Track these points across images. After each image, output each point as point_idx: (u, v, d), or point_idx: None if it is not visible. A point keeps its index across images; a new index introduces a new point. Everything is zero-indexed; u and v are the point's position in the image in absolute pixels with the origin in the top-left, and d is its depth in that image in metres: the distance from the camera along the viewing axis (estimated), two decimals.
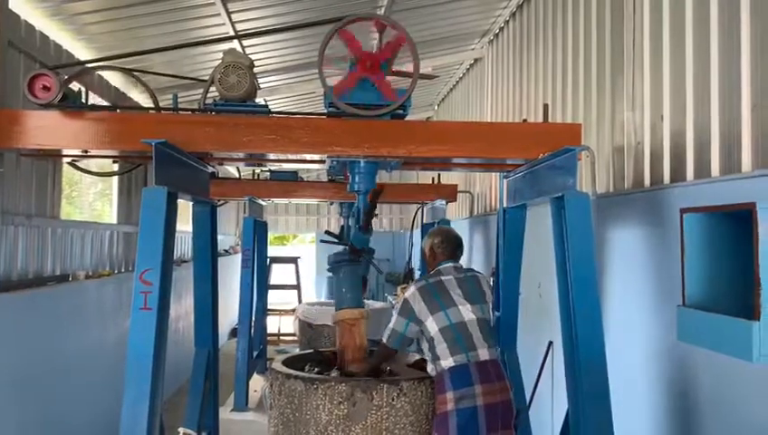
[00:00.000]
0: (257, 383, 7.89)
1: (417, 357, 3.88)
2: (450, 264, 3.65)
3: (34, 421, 4.49)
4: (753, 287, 2.21)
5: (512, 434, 3.36)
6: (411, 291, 3.48)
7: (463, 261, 3.84)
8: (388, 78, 3.39)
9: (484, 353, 3.34)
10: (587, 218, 3.09)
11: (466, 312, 3.40)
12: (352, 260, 3.89)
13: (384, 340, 3.49)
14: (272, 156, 3.61)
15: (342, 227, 8.42)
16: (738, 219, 2.39)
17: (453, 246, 3.71)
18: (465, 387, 3.22)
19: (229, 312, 11.00)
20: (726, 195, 2.80)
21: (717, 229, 2.57)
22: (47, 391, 4.68)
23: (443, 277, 3.54)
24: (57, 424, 4.84)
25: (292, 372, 3.46)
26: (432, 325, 3.35)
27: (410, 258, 9.73)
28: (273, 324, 11.17)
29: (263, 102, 3.65)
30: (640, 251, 3.70)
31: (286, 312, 11.75)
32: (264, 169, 8.01)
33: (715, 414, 3.02)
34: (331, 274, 4.11)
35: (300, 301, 11.41)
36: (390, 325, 3.48)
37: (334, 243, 4.26)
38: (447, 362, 3.28)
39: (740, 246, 2.40)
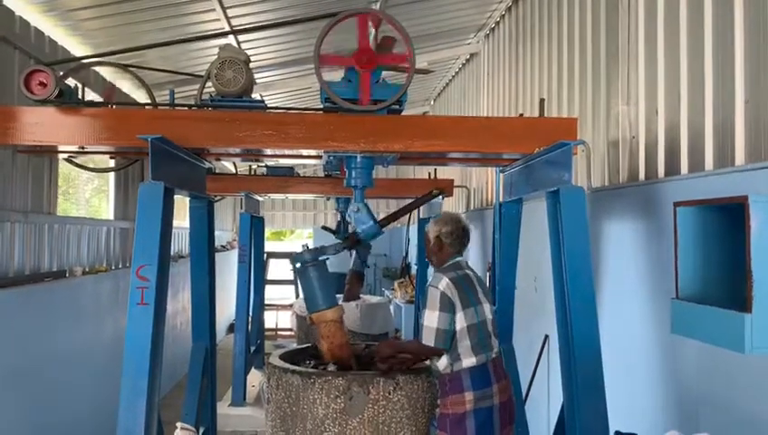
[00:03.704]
0: (255, 378, 7.91)
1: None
2: (463, 259, 3.47)
3: (32, 416, 4.50)
4: (746, 280, 2.22)
5: (513, 429, 3.36)
6: (444, 283, 3.20)
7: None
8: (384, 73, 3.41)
9: (495, 351, 3.28)
10: (582, 212, 3.11)
11: (487, 310, 3.30)
12: (318, 260, 3.66)
13: (432, 343, 3.16)
14: (268, 151, 3.62)
15: (339, 222, 8.44)
16: (731, 212, 2.41)
17: (462, 240, 3.47)
18: (486, 387, 3.15)
19: (227, 307, 11.01)
20: (720, 188, 2.83)
21: (710, 222, 2.59)
22: (44, 387, 4.69)
23: (467, 271, 3.37)
24: (54, 419, 4.85)
25: (289, 366, 3.47)
26: (460, 320, 3.16)
27: (407, 253, 9.74)
28: (270, 319, 11.19)
29: (259, 98, 3.64)
30: (635, 244, 3.72)
31: (283, 307, 11.76)
32: (260, 164, 8.01)
33: (708, 405, 3.04)
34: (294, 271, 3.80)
35: (297, 296, 11.42)
36: (433, 325, 3.16)
37: (332, 231, 4.25)
38: (469, 361, 3.15)
39: (733, 239, 2.42)
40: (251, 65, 3.55)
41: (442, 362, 3.21)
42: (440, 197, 7.73)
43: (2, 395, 4.14)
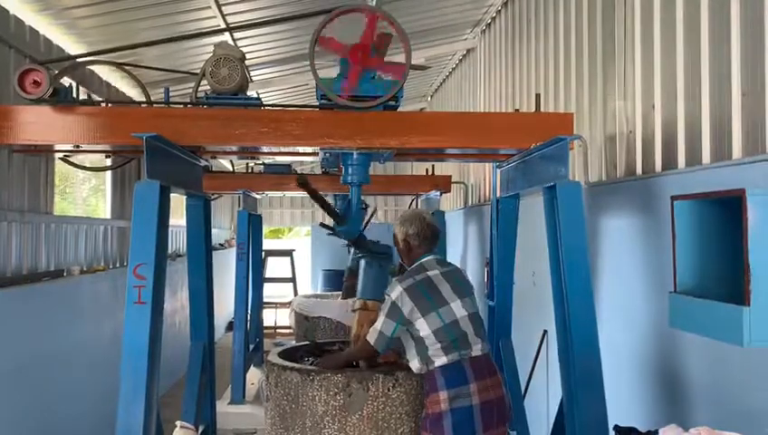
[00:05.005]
0: (254, 376, 7.92)
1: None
2: (432, 257, 3.38)
3: (30, 416, 4.50)
4: (743, 273, 2.22)
5: (506, 430, 3.29)
6: (398, 291, 3.17)
7: (459, 253, 3.82)
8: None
9: (477, 349, 3.18)
10: (579, 207, 3.11)
11: (458, 308, 3.20)
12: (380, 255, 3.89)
13: (371, 341, 3.24)
14: (265, 149, 3.62)
15: None
16: (728, 206, 2.41)
17: (430, 238, 3.40)
18: (460, 386, 3.08)
19: (225, 305, 11.01)
20: (717, 182, 2.83)
21: (708, 216, 2.59)
22: (42, 387, 4.68)
23: (429, 273, 3.27)
24: (52, 419, 4.84)
25: (288, 363, 3.47)
26: (423, 327, 3.12)
27: None
28: (269, 317, 11.19)
29: (254, 95, 3.64)
30: (633, 239, 3.72)
31: (282, 305, 11.76)
32: (257, 162, 8.00)
33: (706, 399, 3.05)
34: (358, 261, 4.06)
35: (295, 293, 11.43)
36: (378, 326, 3.22)
37: (331, 233, 4.27)
38: (441, 360, 3.10)
39: (730, 233, 2.42)
40: (247, 62, 3.53)
41: (415, 365, 3.20)
42: (438, 192, 7.81)
43: (0, 394, 4.13)
